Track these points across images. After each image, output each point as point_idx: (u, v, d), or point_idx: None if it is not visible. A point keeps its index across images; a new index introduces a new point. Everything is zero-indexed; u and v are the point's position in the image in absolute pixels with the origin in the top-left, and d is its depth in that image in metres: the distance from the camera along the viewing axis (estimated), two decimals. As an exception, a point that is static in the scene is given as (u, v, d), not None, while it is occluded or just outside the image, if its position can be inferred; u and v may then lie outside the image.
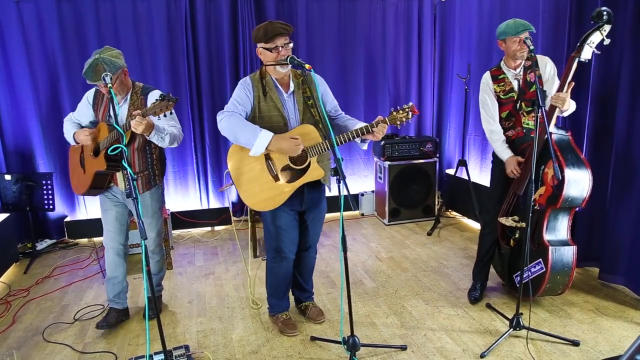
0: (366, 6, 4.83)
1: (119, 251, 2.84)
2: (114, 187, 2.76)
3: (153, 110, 2.28)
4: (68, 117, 2.83)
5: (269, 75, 2.48)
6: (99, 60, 2.43)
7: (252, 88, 2.46)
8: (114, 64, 2.47)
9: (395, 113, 2.40)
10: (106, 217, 2.81)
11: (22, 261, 3.97)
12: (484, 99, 2.92)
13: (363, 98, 5.00)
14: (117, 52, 2.55)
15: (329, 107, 2.62)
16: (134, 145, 2.67)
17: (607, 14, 2.42)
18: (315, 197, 2.61)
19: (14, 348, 2.68)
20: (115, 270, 2.85)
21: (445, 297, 3.15)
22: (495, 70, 2.89)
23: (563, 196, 2.62)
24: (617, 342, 2.56)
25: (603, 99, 3.11)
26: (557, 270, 2.71)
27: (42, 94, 4.20)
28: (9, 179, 3.95)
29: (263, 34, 2.33)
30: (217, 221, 4.75)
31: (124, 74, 2.60)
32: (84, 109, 2.76)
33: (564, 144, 2.72)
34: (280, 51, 2.34)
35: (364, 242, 4.25)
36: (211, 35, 4.46)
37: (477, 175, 4.62)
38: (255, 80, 2.48)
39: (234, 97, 2.45)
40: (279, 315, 2.81)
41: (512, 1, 3.93)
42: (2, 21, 3.98)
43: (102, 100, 2.71)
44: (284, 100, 2.49)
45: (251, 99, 2.46)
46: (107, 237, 2.83)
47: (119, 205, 2.80)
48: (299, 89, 2.51)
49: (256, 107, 2.47)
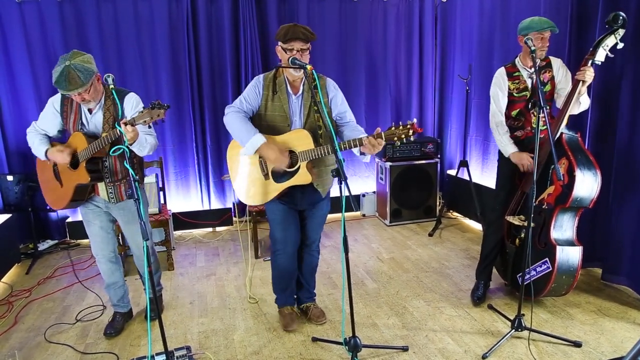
0: (367, 7, 4.83)
1: (110, 258, 2.78)
2: (96, 197, 2.66)
3: (143, 119, 2.15)
4: (32, 128, 2.62)
5: (283, 75, 2.51)
6: (70, 68, 2.26)
7: (263, 87, 2.52)
8: (88, 70, 2.30)
9: (394, 128, 2.23)
10: (91, 229, 2.72)
11: (24, 262, 3.98)
12: (495, 93, 2.90)
13: (364, 99, 4.99)
14: (88, 57, 2.37)
15: (334, 113, 2.60)
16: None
17: (622, 18, 2.44)
18: (311, 198, 2.63)
19: (16, 348, 2.68)
20: (113, 276, 2.82)
21: (447, 298, 3.14)
22: (510, 67, 2.87)
23: (573, 196, 2.63)
24: (620, 343, 2.55)
25: (605, 99, 3.11)
26: (563, 271, 2.71)
27: (44, 94, 4.19)
28: (11, 179, 3.96)
29: (283, 34, 2.37)
30: (218, 222, 4.75)
31: (97, 79, 2.43)
32: (50, 117, 2.58)
33: (574, 144, 2.73)
34: (295, 54, 2.35)
35: (366, 243, 4.25)
36: (212, 36, 4.47)
37: (479, 176, 4.61)
38: (268, 80, 2.53)
39: (244, 94, 2.54)
40: (283, 308, 2.88)
41: (513, 2, 3.93)
42: (4, 21, 3.99)
43: (72, 108, 2.54)
44: (292, 102, 2.53)
45: (259, 98, 2.53)
46: (96, 247, 2.76)
47: (101, 215, 2.71)
48: (308, 92, 2.52)
49: (263, 106, 2.53)
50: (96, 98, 2.47)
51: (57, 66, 2.30)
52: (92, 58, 2.40)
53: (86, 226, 2.74)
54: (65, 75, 2.25)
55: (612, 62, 3.00)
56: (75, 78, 2.25)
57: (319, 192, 2.59)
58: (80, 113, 2.53)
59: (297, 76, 2.46)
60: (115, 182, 2.61)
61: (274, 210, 2.64)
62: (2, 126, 4.13)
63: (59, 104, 2.57)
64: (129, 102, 2.54)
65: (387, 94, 5.08)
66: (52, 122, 2.59)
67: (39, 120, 2.62)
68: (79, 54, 2.34)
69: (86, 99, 2.39)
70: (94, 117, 2.53)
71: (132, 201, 2.66)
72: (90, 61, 2.36)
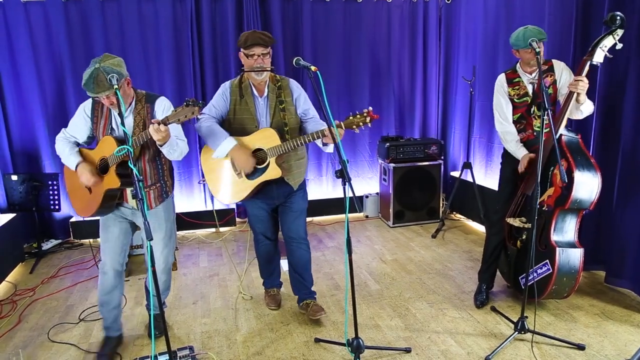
0: (371, 8, 4.83)
1: (117, 269, 2.58)
2: (124, 204, 2.56)
3: (177, 117, 2.14)
4: (61, 135, 2.56)
5: (247, 80, 2.70)
6: (99, 70, 2.20)
7: (230, 93, 2.72)
8: (117, 73, 2.25)
9: (352, 117, 2.47)
10: (108, 235, 2.57)
11: (28, 261, 4.00)
12: (498, 101, 2.91)
13: (368, 100, 4.99)
14: (119, 60, 2.32)
15: (300, 110, 2.77)
16: (145, 157, 2.50)
17: (620, 18, 2.43)
18: (285, 191, 2.79)
19: (20, 347, 2.70)
20: (112, 293, 2.59)
21: (450, 299, 3.14)
22: (511, 73, 2.88)
23: (572, 197, 2.62)
24: (623, 346, 2.55)
25: (610, 101, 3.10)
26: (564, 273, 2.70)
27: (49, 95, 4.23)
28: (15, 179, 3.97)
29: (243, 41, 2.55)
30: (221, 222, 4.76)
31: (127, 83, 2.40)
32: (81, 123, 2.52)
33: (573, 145, 2.72)
34: (256, 59, 2.55)
35: (368, 244, 4.24)
36: (216, 37, 4.48)
37: (482, 178, 4.60)
38: (234, 85, 2.73)
39: (212, 101, 2.73)
40: (269, 290, 3.15)
41: (518, 4, 3.92)
42: (10, 22, 4.02)
43: (102, 112, 2.49)
44: (258, 104, 2.71)
45: (227, 103, 2.72)
46: (106, 255, 2.56)
47: (123, 223, 2.59)
48: (272, 93, 2.70)
49: (232, 110, 2.73)
50: (126, 102, 2.42)
51: (88, 68, 2.26)
52: (123, 62, 2.35)
53: (102, 230, 2.59)
54: (94, 77, 2.21)
55: (617, 64, 2.99)
56: (103, 81, 2.20)
57: (291, 185, 2.75)
58: (110, 118, 2.48)
59: (259, 80, 2.62)
60: (145, 188, 2.52)
61: (251, 206, 2.90)
62: (7, 126, 4.16)
63: (90, 109, 2.51)
64: (160, 105, 2.50)
65: (391, 95, 5.07)
66: (82, 127, 2.53)
67: (68, 126, 2.55)
68: (109, 57, 2.30)
69: (115, 103, 2.31)
70: (124, 121, 2.41)
71: (161, 208, 2.61)
72: (121, 65, 2.31)
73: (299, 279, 2.96)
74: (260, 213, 2.89)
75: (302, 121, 2.79)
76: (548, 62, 2.82)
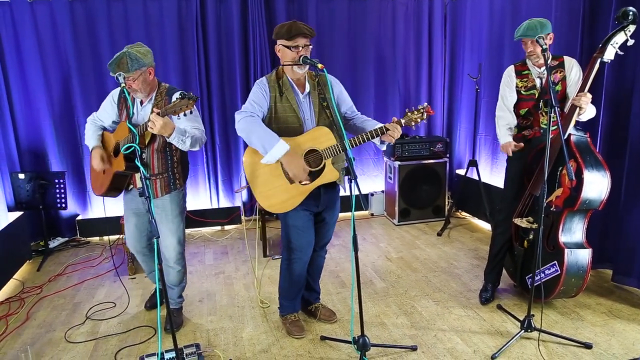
0: (376, 6, 4.81)
1: (143, 252, 2.89)
2: (133, 191, 2.70)
3: (173, 109, 2.19)
4: (91, 117, 2.77)
5: (285, 75, 2.47)
6: (125, 54, 2.38)
7: (269, 88, 2.44)
8: (139, 60, 2.40)
9: (409, 114, 2.38)
10: (127, 224, 2.82)
11: (35, 259, 4.02)
12: (503, 92, 2.91)
13: (373, 98, 4.98)
14: (146, 50, 2.49)
15: (344, 108, 2.62)
16: (154, 146, 2.57)
17: (632, 14, 2.35)
18: (332, 197, 2.62)
19: (28, 344, 2.71)
20: (150, 264, 2.96)
21: (456, 297, 3.13)
22: (520, 65, 2.87)
23: (581, 198, 2.60)
24: (631, 345, 2.53)
25: (617, 100, 3.07)
26: (572, 273, 2.68)
27: (55, 94, 4.25)
28: (22, 177, 4.00)
29: (286, 31, 2.31)
30: (227, 220, 4.77)
31: (149, 73, 2.50)
32: (108, 108, 2.70)
33: (582, 145, 2.69)
34: (300, 51, 2.33)
35: (374, 242, 4.24)
36: (221, 36, 4.48)
37: (488, 176, 4.58)
38: (272, 81, 2.46)
39: (251, 98, 2.43)
40: (288, 316, 2.79)
41: (524, 0, 3.90)
42: (17, 22, 4.04)
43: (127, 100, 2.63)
44: (300, 102, 2.48)
45: (267, 99, 2.44)
46: (129, 242, 2.87)
47: (139, 216, 2.75)
48: (314, 90, 2.49)
49: (272, 108, 2.45)
50: (144, 90, 2.54)
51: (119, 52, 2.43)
52: (151, 52, 2.52)
53: (125, 219, 2.84)
54: (118, 59, 2.38)
55: (624, 64, 2.97)
56: (124, 63, 2.37)
57: (337, 188, 2.62)
58: (133, 105, 2.61)
59: (300, 74, 2.42)
60: (151, 176, 2.62)
61: (295, 217, 2.51)
62: (14, 125, 4.18)
63: (117, 96, 2.68)
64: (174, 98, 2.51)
65: (396, 92, 5.06)
66: (109, 112, 2.70)
67: (99, 110, 2.75)
68: (139, 45, 2.50)
69: (132, 87, 2.47)
70: (143, 110, 2.61)
71: (167, 200, 2.67)
72: (146, 54, 2.47)
73: (310, 285, 2.90)
74: (305, 223, 2.54)
75: (347, 118, 2.62)
76: (559, 57, 2.80)
